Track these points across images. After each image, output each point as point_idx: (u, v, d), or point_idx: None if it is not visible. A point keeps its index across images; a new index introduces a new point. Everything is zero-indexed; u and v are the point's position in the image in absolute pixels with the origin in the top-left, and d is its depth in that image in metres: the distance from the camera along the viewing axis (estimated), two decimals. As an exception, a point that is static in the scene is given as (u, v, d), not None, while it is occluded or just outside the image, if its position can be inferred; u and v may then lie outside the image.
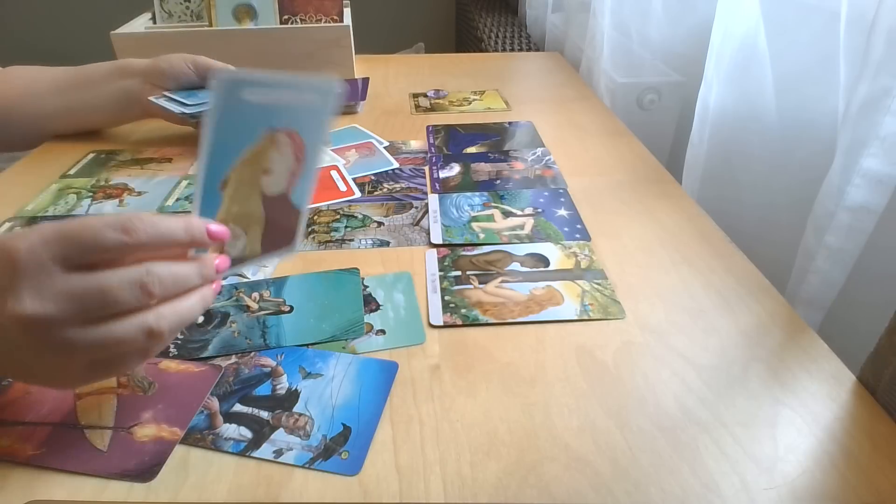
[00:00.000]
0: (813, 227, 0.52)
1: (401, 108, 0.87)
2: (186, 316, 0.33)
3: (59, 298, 0.30)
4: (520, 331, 0.44)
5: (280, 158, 0.39)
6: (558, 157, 0.71)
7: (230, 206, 0.38)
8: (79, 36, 2.27)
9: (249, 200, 0.39)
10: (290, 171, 0.40)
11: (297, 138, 0.39)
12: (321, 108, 0.39)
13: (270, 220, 0.40)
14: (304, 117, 0.39)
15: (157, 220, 0.32)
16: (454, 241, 0.54)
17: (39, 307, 0.29)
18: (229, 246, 0.38)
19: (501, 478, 0.33)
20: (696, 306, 0.46)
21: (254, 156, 0.38)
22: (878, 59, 0.44)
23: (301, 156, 0.40)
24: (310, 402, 0.38)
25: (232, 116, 0.36)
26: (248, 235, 0.39)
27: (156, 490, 0.33)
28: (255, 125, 0.37)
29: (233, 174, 0.37)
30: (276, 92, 0.37)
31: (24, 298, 0.29)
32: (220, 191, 0.37)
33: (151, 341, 0.32)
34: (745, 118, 0.68)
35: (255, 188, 0.38)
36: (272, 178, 0.39)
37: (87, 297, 0.30)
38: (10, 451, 0.34)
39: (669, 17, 0.89)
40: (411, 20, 2.52)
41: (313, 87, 0.38)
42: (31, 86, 0.72)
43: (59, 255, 0.30)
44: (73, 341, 0.30)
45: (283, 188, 0.40)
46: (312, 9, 0.96)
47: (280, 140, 0.38)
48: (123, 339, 0.31)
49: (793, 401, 0.38)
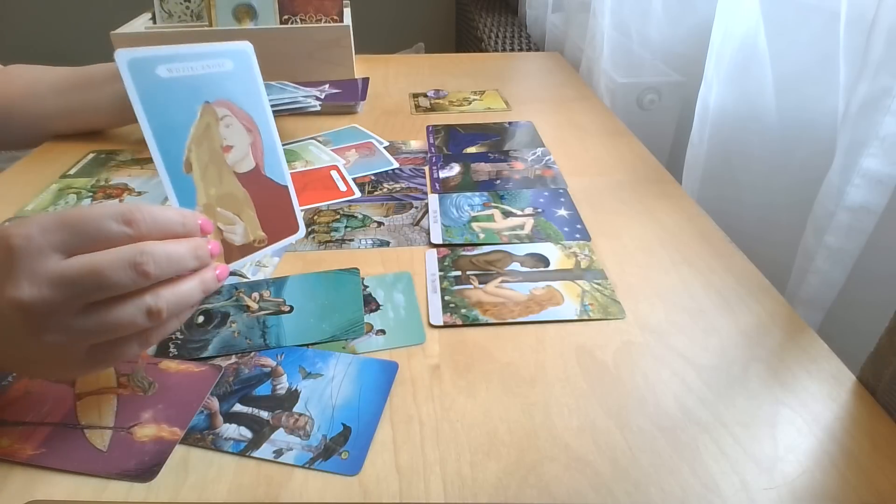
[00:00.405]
0: (813, 227, 0.52)
1: (401, 108, 0.87)
2: (185, 298, 0.33)
3: (56, 283, 0.30)
4: (520, 331, 0.44)
5: (230, 131, 0.39)
6: (558, 157, 0.71)
7: (207, 190, 0.38)
8: (79, 36, 2.27)
9: (224, 181, 0.39)
10: (250, 143, 0.40)
11: (236, 108, 0.39)
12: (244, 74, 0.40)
13: (260, 202, 0.40)
14: (231, 85, 0.39)
15: (155, 212, 0.32)
16: (454, 241, 0.54)
17: (37, 293, 0.29)
18: (229, 233, 0.38)
19: (501, 478, 0.33)
20: (696, 306, 0.46)
21: (202, 132, 0.38)
22: (878, 58, 0.44)
23: (251, 125, 0.40)
24: (310, 402, 0.38)
25: (156, 95, 0.36)
26: (243, 220, 0.39)
27: (156, 490, 0.33)
28: (185, 101, 0.37)
29: (190, 155, 0.37)
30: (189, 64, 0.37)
31: (23, 285, 0.29)
32: (187, 174, 0.37)
33: (151, 321, 0.32)
34: (745, 118, 0.68)
35: (222, 167, 0.39)
36: (235, 154, 0.39)
37: (83, 279, 0.30)
38: (10, 451, 0.34)
39: (669, 17, 0.89)
40: (411, 20, 2.52)
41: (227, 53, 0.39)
42: (32, 85, 0.72)
43: (59, 243, 0.30)
44: (71, 326, 0.30)
45: (253, 163, 0.40)
46: (312, 9, 0.96)
47: (220, 112, 0.38)
48: (122, 321, 0.31)
49: (793, 401, 0.38)
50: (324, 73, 0.94)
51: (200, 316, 0.45)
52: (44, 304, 0.29)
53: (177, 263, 0.32)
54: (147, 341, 0.34)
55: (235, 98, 0.39)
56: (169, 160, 0.36)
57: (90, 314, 0.30)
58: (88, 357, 0.32)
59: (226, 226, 0.38)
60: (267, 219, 0.41)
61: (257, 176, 0.40)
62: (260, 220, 0.40)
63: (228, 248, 0.38)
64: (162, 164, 0.35)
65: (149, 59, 0.35)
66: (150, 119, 0.35)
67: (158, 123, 0.35)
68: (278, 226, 0.41)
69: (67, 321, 0.30)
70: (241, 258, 0.39)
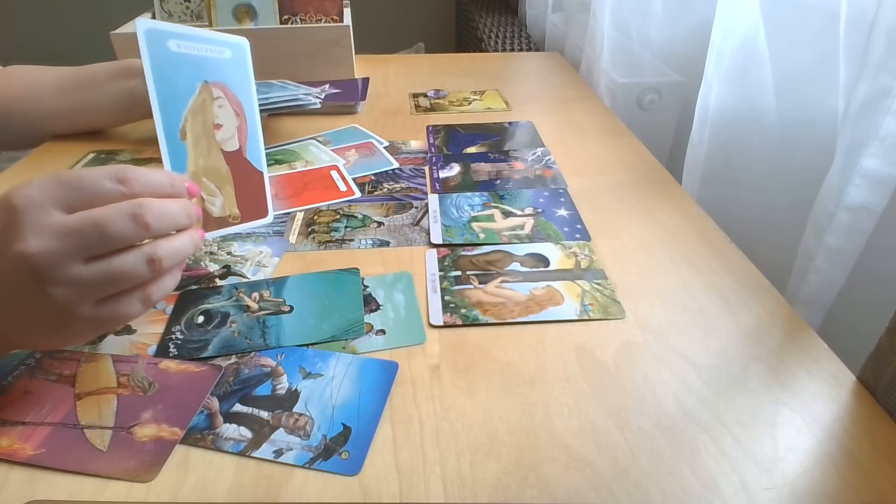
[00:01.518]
0: (813, 227, 0.52)
1: (401, 108, 0.87)
2: (180, 250, 0.36)
3: (59, 234, 0.31)
4: (520, 331, 0.44)
5: (222, 112, 0.44)
6: (558, 157, 0.71)
7: (196, 159, 0.42)
8: (79, 36, 2.27)
9: (211, 154, 0.43)
10: (236, 126, 0.45)
11: (229, 93, 0.45)
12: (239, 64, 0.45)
13: (238, 181, 0.45)
14: (227, 72, 0.44)
15: (146, 172, 0.35)
16: (454, 241, 0.54)
17: (42, 244, 0.31)
18: (209, 203, 0.42)
19: (501, 478, 0.33)
20: (696, 306, 0.46)
21: (198, 106, 0.42)
22: (878, 59, 0.44)
23: (240, 111, 0.45)
24: (310, 402, 0.38)
25: (166, 66, 0.40)
26: (223, 194, 0.44)
27: (156, 490, 0.33)
28: (189, 76, 0.42)
29: (186, 125, 0.41)
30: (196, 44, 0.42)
31: (28, 238, 0.31)
32: (182, 141, 0.41)
33: (151, 270, 0.34)
34: (745, 118, 0.68)
35: (212, 141, 0.43)
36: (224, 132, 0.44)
37: (86, 230, 0.32)
38: (10, 451, 0.34)
39: (669, 17, 0.89)
40: (411, 20, 2.52)
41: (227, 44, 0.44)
42: (32, 85, 0.72)
43: (58, 200, 0.32)
44: (77, 277, 0.32)
45: (237, 144, 0.45)
46: (312, 9, 0.96)
47: (215, 93, 0.43)
48: (125, 269, 0.33)
49: (793, 401, 0.38)
50: (324, 73, 0.94)
51: (200, 316, 0.45)
52: (50, 254, 0.31)
53: (171, 218, 0.35)
54: (149, 298, 0.35)
55: (229, 83, 0.44)
56: (168, 125, 0.40)
57: (95, 264, 0.32)
58: (93, 314, 0.33)
59: (207, 196, 0.42)
60: (242, 199, 0.45)
61: (239, 157, 0.45)
62: (237, 198, 0.44)
63: (207, 217, 0.42)
64: (162, 127, 0.40)
65: (163, 32, 0.40)
66: (157, 86, 0.39)
67: (163, 91, 0.40)
68: (251, 207, 0.45)
69: (73, 272, 0.32)
70: (216, 230, 0.43)
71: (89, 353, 0.41)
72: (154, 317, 0.45)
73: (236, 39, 0.45)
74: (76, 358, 0.41)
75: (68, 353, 0.41)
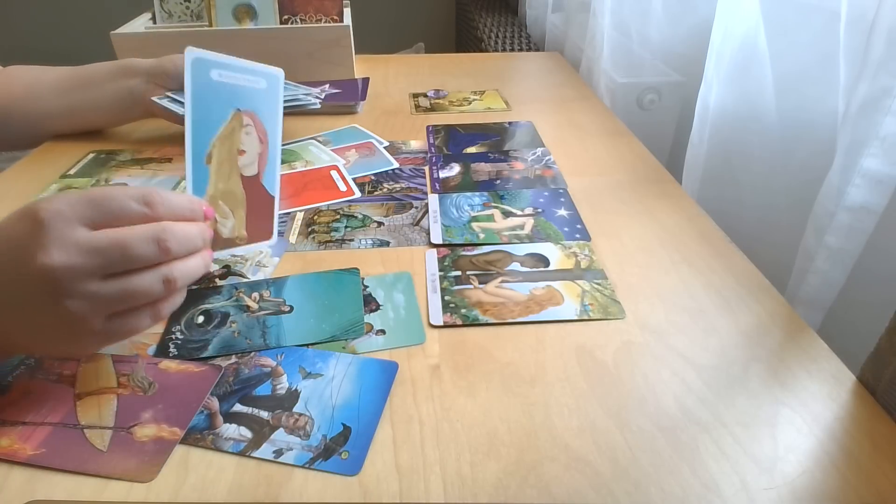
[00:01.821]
0: (813, 227, 0.52)
1: (401, 108, 0.87)
2: (193, 272, 0.38)
3: (83, 251, 0.33)
4: (520, 331, 0.44)
5: (248, 139, 0.45)
6: (558, 157, 0.71)
7: (216, 182, 0.43)
8: (79, 36, 2.27)
9: (231, 179, 0.44)
10: (259, 153, 0.46)
11: (257, 121, 0.45)
12: (272, 94, 0.46)
13: (251, 205, 0.46)
14: (259, 101, 0.45)
15: (169, 196, 0.37)
16: (454, 241, 0.54)
17: (66, 258, 0.32)
18: (221, 225, 0.43)
19: (501, 478, 0.33)
20: (696, 306, 0.46)
21: (227, 133, 0.43)
22: (878, 59, 0.44)
23: (264, 139, 0.46)
24: (310, 402, 0.38)
25: (205, 93, 0.41)
26: (235, 217, 0.45)
27: (156, 490, 0.33)
28: (224, 104, 0.43)
29: (213, 150, 0.42)
30: (235, 74, 0.43)
31: (52, 251, 0.32)
32: (206, 164, 0.42)
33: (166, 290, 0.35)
34: (745, 118, 0.68)
35: (234, 166, 0.44)
36: (246, 158, 0.45)
37: (110, 250, 0.33)
38: (10, 451, 0.34)
39: (669, 17, 0.89)
40: (411, 20, 2.52)
41: (264, 74, 0.46)
42: (32, 85, 0.72)
43: (84, 217, 0.33)
44: (95, 293, 0.33)
45: (256, 170, 0.46)
46: (312, 9, 0.96)
47: (245, 121, 0.44)
48: (142, 288, 0.34)
49: (793, 401, 0.38)
50: (324, 73, 0.94)
51: (200, 316, 0.45)
52: (71, 270, 0.32)
53: (190, 242, 0.37)
54: (159, 313, 0.37)
55: (259, 112, 0.45)
56: (197, 150, 0.41)
57: (112, 281, 0.34)
58: (104, 328, 0.34)
59: (220, 218, 0.43)
60: (251, 221, 0.46)
61: (256, 182, 0.46)
62: (246, 222, 0.45)
63: (216, 237, 0.43)
64: (191, 152, 0.41)
65: (208, 62, 0.41)
66: (194, 112, 0.41)
67: (199, 117, 0.41)
68: (258, 229, 0.47)
69: (92, 288, 0.33)
70: (222, 249, 0.44)
71: (89, 353, 0.41)
72: (154, 317, 0.45)
73: (273, 71, 0.46)
74: (76, 358, 0.41)
75: (68, 353, 0.41)
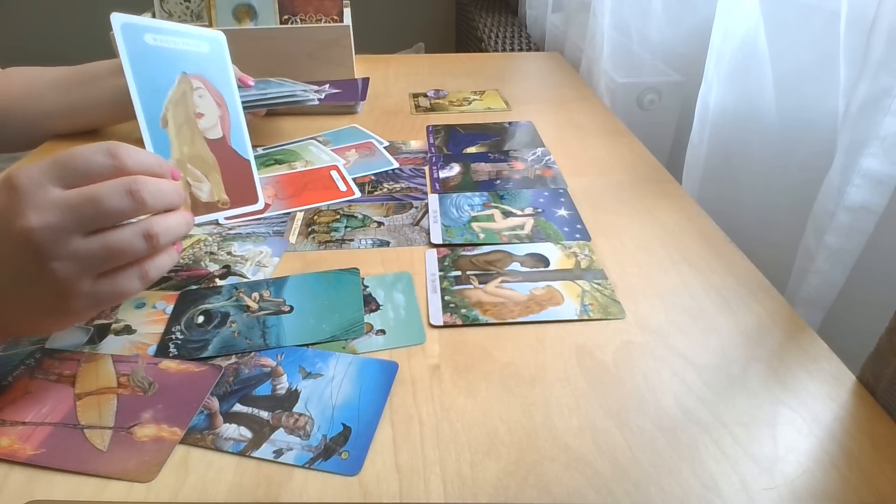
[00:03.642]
0: (813, 227, 0.52)
1: (401, 108, 0.87)
2: (175, 229, 0.37)
3: (58, 209, 0.33)
4: (520, 331, 0.44)
5: (202, 101, 0.46)
6: (558, 157, 0.71)
7: (180, 147, 0.43)
8: (79, 36, 2.27)
9: (195, 142, 0.45)
10: (219, 116, 0.47)
11: (208, 84, 0.46)
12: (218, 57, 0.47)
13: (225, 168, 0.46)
14: (206, 65, 0.46)
15: (136, 149, 0.37)
16: (454, 241, 0.54)
17: (42, 218, 0.32)
18: (196, 189, 0.44)
19: (501, 478, 0.33)
20: (696, 306, 0.46)
21: (179, 96, 0.44)
22: (878, 59, 0.44)
23: (221, 102, 0.47)
24: (310, 402, 0.38)
25: (143, 58, 0.42)
26: (210, 181, 0.45)
27: (156, 490, 0.33)
28: (168, 68, 0.43)
29: (167, 113, 0.43)
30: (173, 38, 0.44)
31: (29, 213, 0.32)
32: (164, 129, 0.42)
33: (148, 245, 0.35)
34: (745, 118, 0.68)
35: (195, 130, 0.45)
36: (206, 121, 0.46)
37: (84, 205, 0.33)
38: (10, 451, 0.34)
39: (669, 17, 0.89)
40: (411, 20, 2.52)
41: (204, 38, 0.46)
42: (31, 85, 0.72)
43: (55, 177, 0.34)
44: (76, 251, 0.33)
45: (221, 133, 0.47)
46: (312, 9, 0.96)
47: (195, 84, 0.45)
48: (122, 242, 0.34)
49: (793, 401, 0.38)
50: (324, 73, 0.94)
51: (200, 316, 0.45)
52: (50, 229, 0.32)
53: (166, 196, 0.37)
54: (147, 274, 0.37)
55: (208, 76, 0.46)
56: (148, 113, 0.41)
57: (92, 238, 0.34)
58: (92, 290, 0.35)
59: (194, 182, 0.44)
60: (231, 185, 0.46)
61: (224, 145, 0.47)
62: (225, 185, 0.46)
63: (195, 201, 0.43)
64: (142, 115, 0.41)
65: (137, 26, 0.42)
66: (136, 77, 0.41)
67: (142, 82, 0.41)
68: (240, 193, 0.47)
69: (73, 246, 0.33)
70: (206, 214, 0.45)
71: (89, 353, 0.41)
72: (154, 317, 0.45)
73: (212, 33, 0.46)
74: (76, 358, 0.41)
75: (68, 354, 0.41)
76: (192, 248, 0.53)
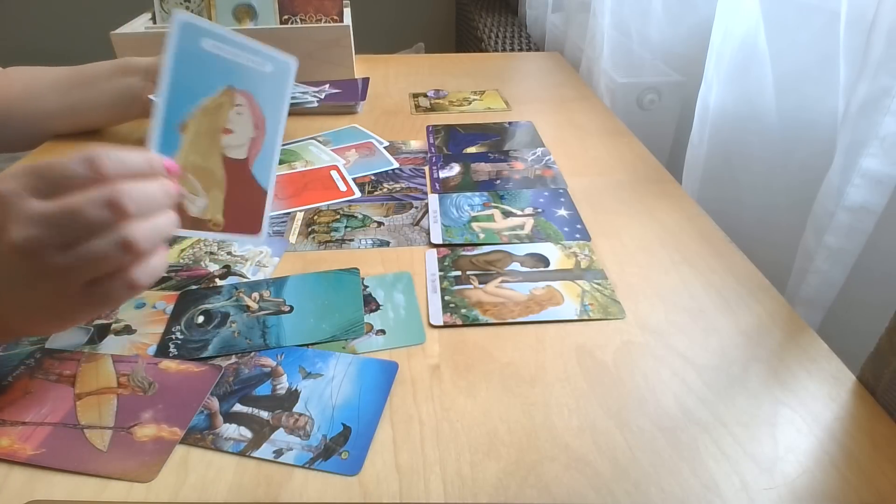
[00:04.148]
0: (813, 227, 0.52)
1: (401, 108, 0.87)
2: (161, 229, 0.35)
3: (37, 223, 0.32)
4: (520, 331, 0.44)
5: (239, 120, 0.41)
6: (558, 157, 0.71)
7: (189, 153, 0.40)
8: (79, 36, 2.27)
9: (210, 156, 0.41)
10: (251, 138, 0.42)
11: (254, 104, 0.42)
12: (278, 82, 0.43)
13: (232, 191, 0.42)
14: (260, 85, 0.42)
15: (119, 153, 0.34)
16: (454, 241, 0.54)
17: (24, 232, 0.31)
18: (188, 201, 0.40)
19: (501, 478, 0.33)
20: (696, 306, 0.46)
21: (212, 107, 0.40)
22: (878, 59, 0.44)
23: (260, 125, 0.43)
24: (310, 402, 0.38)
25: (190, 60, 0.38)
26: (209, 197, 0.41)
27: (156, 490, 0.33)
28: (213, 77, 0.40)
29: (191, 120, 0.39)
30: (234, 50, 0.40)
31: (11, 229, 0.32)
32: (180, 133, 0.39)
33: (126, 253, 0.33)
34: (745, 118, 0.68)
35: (215, 144, 0.41)
36: (233, 138, 0.41)
37: (61, 218, 0.32)
38: (10, 451, 0.34)
39: (669, 17, 0.89)
40: (411, 20, 2.52)
41: (271, 58, 0.42)
42: (31, 85, 0.72)
43: (31, 188, 0.32)
44: (59, 264, 0.32)
45: (244, 154, 0.42)
46: (312, 9, 0.96)
47: (238, 100, 0.41)
48: (96, 253, 0.32)
49: (793, 401, 0.38)
50: (324, 73, 0.94)
51: (200, 316, 0.45)
52: (33, 242, 0.32)
53: (152, 199, 0.35)
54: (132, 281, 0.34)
55: (258, 96, 0.42)
56: (169, 112, 0.38)
57: (71, 251, 0.32)
58: (84, 299, 0.34)
59: (189, 193, 0.40)
60: (233, 209, 0.42)
61: (243, 168, 0.43)
62: (225, 207, 0.42)
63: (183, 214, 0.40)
64: (161, 113, 0.38)
65: (200, 29, 0.38)
66: (172, 74, 0.38)
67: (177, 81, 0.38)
68: (242, 220, 0.43)
69: (55, 259, 0.32)
70: (190, 230, 0.41)
71: (89, 353, 0.41)
72: (154, 317, 0.45)
73: (285, 57, 0.43)
74: (76, 358, 0.41)
75: (68, 354, 0.41)
76: (192, 248, 0.53)
